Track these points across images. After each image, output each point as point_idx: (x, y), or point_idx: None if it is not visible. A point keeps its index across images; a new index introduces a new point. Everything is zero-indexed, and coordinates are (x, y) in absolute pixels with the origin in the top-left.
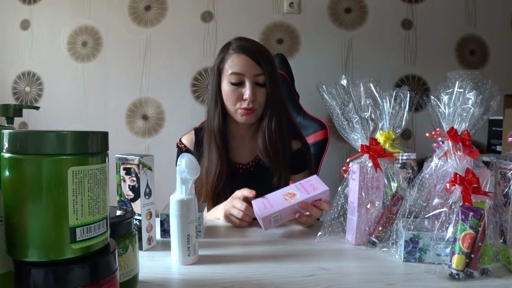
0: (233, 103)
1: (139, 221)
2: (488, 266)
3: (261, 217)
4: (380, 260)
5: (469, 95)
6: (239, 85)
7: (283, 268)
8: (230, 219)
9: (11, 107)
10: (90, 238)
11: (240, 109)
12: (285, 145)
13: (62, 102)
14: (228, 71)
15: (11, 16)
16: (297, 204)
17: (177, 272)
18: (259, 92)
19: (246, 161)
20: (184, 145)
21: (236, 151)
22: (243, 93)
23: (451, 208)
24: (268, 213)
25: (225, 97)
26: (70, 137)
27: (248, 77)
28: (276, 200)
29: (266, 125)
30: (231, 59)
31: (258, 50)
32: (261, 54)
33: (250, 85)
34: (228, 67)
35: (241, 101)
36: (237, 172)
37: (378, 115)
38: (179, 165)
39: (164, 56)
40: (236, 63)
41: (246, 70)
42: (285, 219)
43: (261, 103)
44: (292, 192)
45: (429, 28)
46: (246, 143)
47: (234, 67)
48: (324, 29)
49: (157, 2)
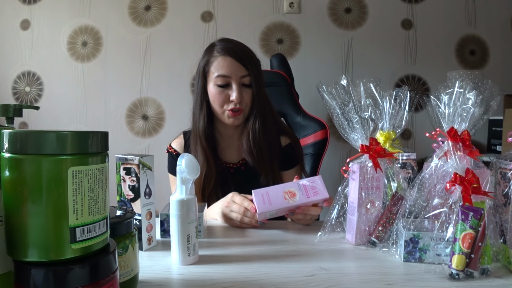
0: (220, 105)
1: (139, 221)
2: (488, 266)
3: (258, 212)
4: (380, 260)
5: (469, 95)
6: (225, 87)
7: (283, 268)
8: (230, 222)
9: (11, 107)
10: (90, 238)
11: (228, 110)
12: (271, 144)
13: (62, 102)
14: (214, 73)
15: (11, 16)
16: (295, 206)
17: (177, 272)
18: (245, 93)
19: (236, 160)
20: (174, 149)
21: (226, 151)
22: (230, 95)
23: (451, 208)
24: (265, 209)
25: (212, 99)
26: (70, 137)
27: (234, 79)
28: (276, 197)
29: (251, 126)
30: (217, 62)
31: (243, 51)
32: (246, 55)
33: (236, 87)
34: (214, 69)
35: (228, 102)
36: (228, 171)
37: (378, 115)
38: (179, 165)
39: (164, 56)
40: (222, 65)
41: (232, 72)
42: (280, 213)
43: (248, 103)
44: (293, 191)
45: (429, 28)
46: (234, 142)
47: (220, 70)
48: (324, 29)
49: (157, 2)
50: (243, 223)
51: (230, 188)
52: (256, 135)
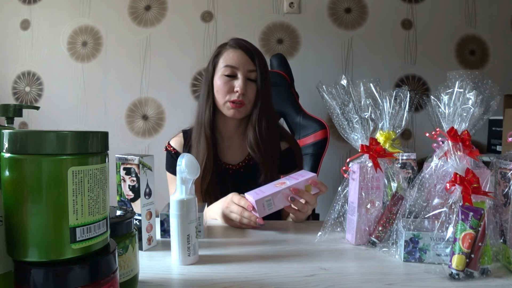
0: (223, 95)
1: (139, 221)
2: (488, 266)
3: (254, 201)
4: (380, 260)
5: (469, 95)
6: (231, 78)
7: (283, 268)
8: (230, 223)
9: (11, 107)
10: (90, 238)
11: (229, 101)
12: (274, 145)
13: (62, 102)
14: (222, 63)
15: (11, 16)
16: (287, 188)
17: (177, 272)
18: (250, 87)
19: (236, 162)
20: (173, 147)
21: (226, 152)
22: (235, 86)
23: (451, 208)
24: (260, 197)
25: (216, 89)
26: (70, 137)
27: (241, 71)
28: (267, 188)
29: (256, 121)
30: (227, 53)
31: (254, 48)
32: (256, 52)
33: (242, 78)
34: (223, 60)
35: (231, 93)
36: (227, 172)
37: (378, 115)
38: (179, 165)
39: (164, 56)
40: (231, 57)
41: (240, 64)
42: (278, 204)
43: (251, 99)
44: (282, 181)
45: (429, 28)
46: (235, 143)
47: (229, 60)
48: (324, 29)
49: (157, 2)
50: (242, 223)
51: (228, 189)
52: (262, 130)
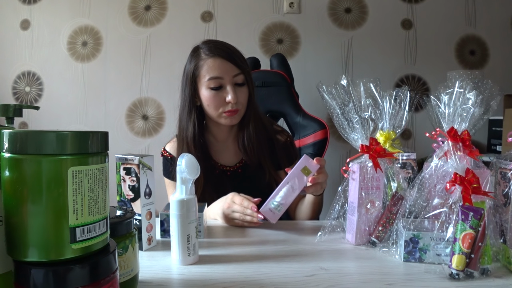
0: (216, 108)
1: (139, 221)
2: (488, 266)
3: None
4: (380, 260)
5: (469, 95)
6: (219, 89)
7: (283, 268)
8: (231, 222)
9: (11, 107)
10: (90, 238)
11: (224, 112)
12: (269, 141)
13: (62, 102)
14: (205, 77)
15: (11, 16)
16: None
17: (177, 272)
18: (240, 92)
19: (233, 163)
20: (168, 153)
21: (222, 154)
22: (225, 97)
23: (451, 208)
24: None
25: (207, 103)
26: (70, 137)
27: (227, 80)
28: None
29: (248, 123)
30: (207, 64)
31: (231, 50)
32: (235, 53)
33: (231, 88)
34: (204, 72)
35: (224, 105)
36: (225, 174)
37: (378, 115)
38: (179, 165)
39: (164, 56)
40: (212, 67)
41: (224, 73)
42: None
43: (244, 103)
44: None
45: (429, 28)
46: (230, 145)
47: (212, 72)
48: (324, 29)
49: (157, 2)
50: (245, 222)
51: (228, 191)
52: (251, 134)
